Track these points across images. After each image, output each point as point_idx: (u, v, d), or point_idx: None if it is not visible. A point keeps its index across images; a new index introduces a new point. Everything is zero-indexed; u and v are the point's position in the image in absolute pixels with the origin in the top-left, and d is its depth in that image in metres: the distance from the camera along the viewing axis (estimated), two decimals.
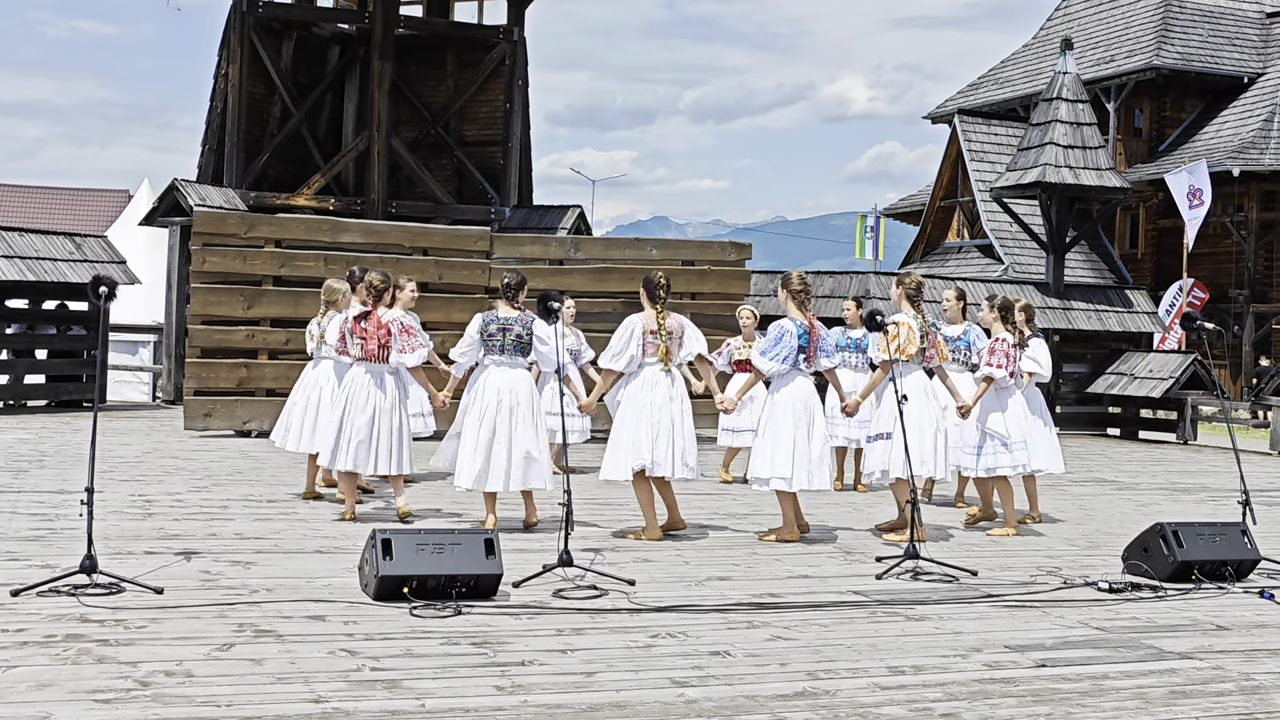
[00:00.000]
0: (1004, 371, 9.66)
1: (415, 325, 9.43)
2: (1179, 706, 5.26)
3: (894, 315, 9.32)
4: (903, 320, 9.27)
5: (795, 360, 8.86)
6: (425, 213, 23.63)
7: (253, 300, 15.31)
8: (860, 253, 42.46)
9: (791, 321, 8.93)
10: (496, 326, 8.95)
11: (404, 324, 9.29)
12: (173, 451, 13.38)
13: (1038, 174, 21.11)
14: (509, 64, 24.50)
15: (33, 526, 8.47)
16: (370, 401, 9.26)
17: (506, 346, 8.93)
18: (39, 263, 17.79)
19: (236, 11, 22.78)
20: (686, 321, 9.10)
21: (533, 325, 8.98)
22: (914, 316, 9.33)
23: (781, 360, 8.82)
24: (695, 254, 17.11)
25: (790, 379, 8.90)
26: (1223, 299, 31.89)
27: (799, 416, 8.82)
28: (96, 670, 5.16)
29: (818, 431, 8.88)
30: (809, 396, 8.90)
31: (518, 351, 8.95)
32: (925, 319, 9.36)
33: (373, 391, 9.28)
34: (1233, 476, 12.12)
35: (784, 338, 8.86)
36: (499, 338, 8.93)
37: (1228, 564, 7.99)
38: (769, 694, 5.22)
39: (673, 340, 8.91)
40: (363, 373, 9.32)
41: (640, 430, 8.69)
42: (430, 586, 6.60)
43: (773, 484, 8.84)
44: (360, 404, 9.26)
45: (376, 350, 9.26)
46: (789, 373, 8.89)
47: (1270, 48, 34.46)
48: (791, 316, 8.96)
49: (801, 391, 8.88)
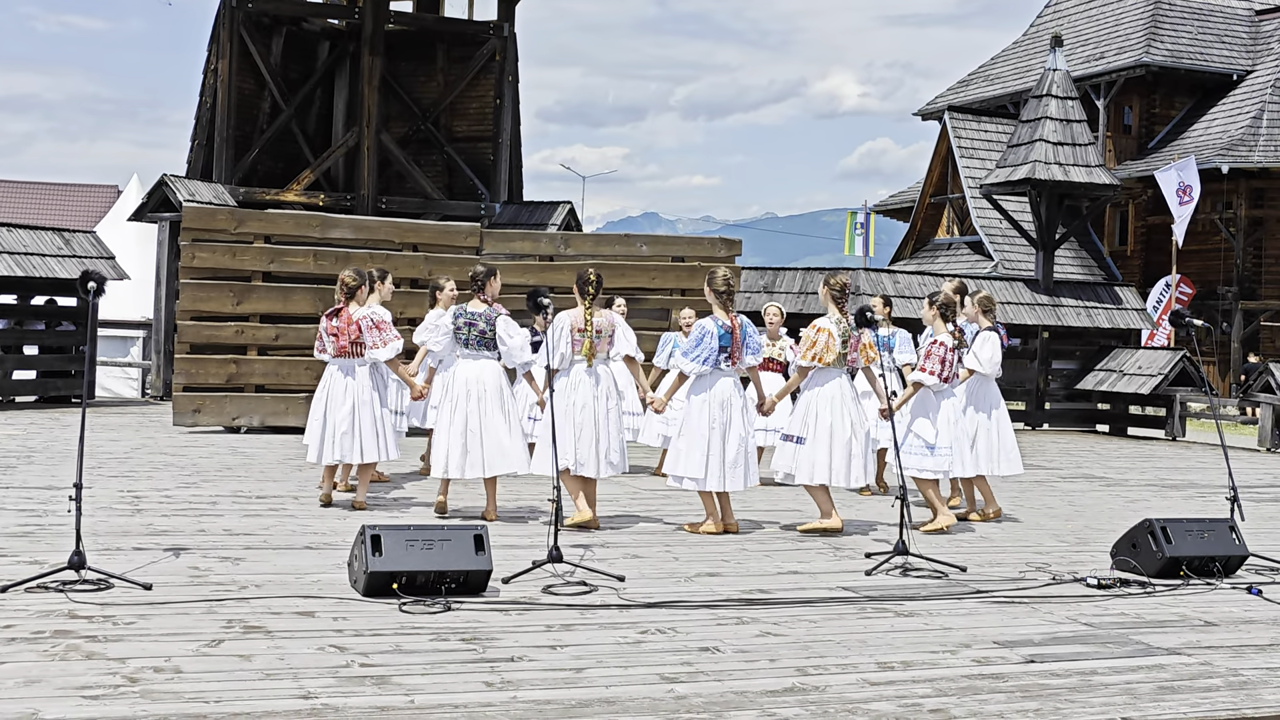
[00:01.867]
0: (935, 378, 9.39)
1: (386, 320, 9.57)
2: (1167, 702, 5.27)
3: (817, 319, 9.19)
4: (823, 325, 9.09)
5: (716, 360, 8.82)
6: (415, 208, 23.61)
7: (242, 296, 15.28)
8: (850, 249, 42.50)
9: (713, 321, 8.88)
10: (464, 321, 9.17)
11: (374, 319, 9.47)
12: (162, 447, 13.36)
13: (1027, 171, 21.14)
14: (499, 60, 24.47)
15: (21, 522, 8.45)
16: (349, 394, 9.52)
17: (471, 341, 9.14)
18: (27, 258, 17.74)
19: (226, 7, 22.71)
20: (618, 320, 9.11)
21: (497, 320, 9.11)
22: (836, 321, 9.13)
23: (702, 361, 8.79)
24: (685, 250, 17.11)
25: (711, 379, 8.87)
26: (1211, 296, 31.97)
27: (714, 417, 8.80)
28: (85, 666, 5.15)
29: (734, 432, 8.85)
30: (728, 397, 8.86)
31: (482, 346, 9.15)
32: (848, 322, 9.13)
33: (350, 384, 9.54)
34: (1221, 473, 12.16)
35: (705, 338, 8.82)
36: (465, 332, 9.15)
37: (1216, 560, 8.01)
38: (758, 690, 5.22)
39: (601, 339, 8.93)
40: (337, 369, 9.59)
41: (565, 430, 8.76)
42: (419, 582, 6.59)
43: (685, 484, 8.91)
44: (339, 398, 9.52)
45: (349, 346, 9.51)
46: (710, 373, 8.85)
47: (1259, 45, 34.54)
48: (715, 315, 8.94)
49: (720, 392, 8.85)
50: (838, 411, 9.06)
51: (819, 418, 9.05)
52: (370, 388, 9.59)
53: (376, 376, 9.69)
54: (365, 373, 9.59)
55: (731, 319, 8.93)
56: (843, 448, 9.03)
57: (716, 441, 8.80)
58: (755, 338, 9.06)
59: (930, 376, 9.40)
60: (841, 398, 9.10)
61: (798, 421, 9.14)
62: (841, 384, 9.14)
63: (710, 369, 8.84)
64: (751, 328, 9.07)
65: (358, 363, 9.58)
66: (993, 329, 10.10)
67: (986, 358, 9.98)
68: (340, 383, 9.55)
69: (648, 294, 16.38)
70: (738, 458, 8.87)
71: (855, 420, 9.12)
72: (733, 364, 8.90)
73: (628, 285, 16.08)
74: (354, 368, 9.58)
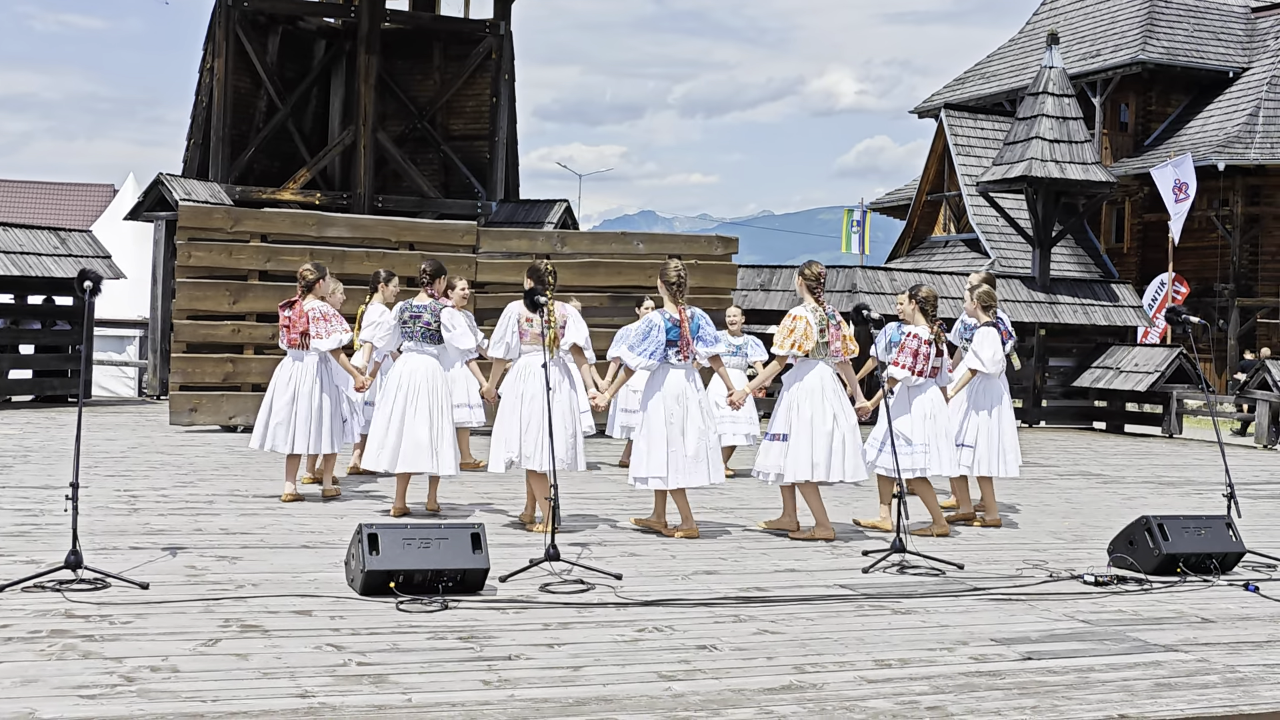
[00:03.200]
0: (907, 371, 9.14)
1: (332, 313, 9.82)
2: (1164, 699, 5.27)
3: (793, 308, 8.99)
4: (799, 314, 8.86)
5: (664, 354, 8.68)
6: (411, 207, 23.59)
7: (238, 295, 15.27)
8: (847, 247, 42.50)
9: (660, 314, 8.76)
10: (409, 314, 9.32)
11: (321, 312, 9.76)
12: (158, 446, 13.35)
13: (1024, 168, 21.15)
14: (495, 58, 24.46)
15: (17, 522, 8.44)
16: (291, 384, 9.81)
17: (416, 334, 9.28)
18: (23, 257, 17.73)
19: (222, 5, 22.70)
20: (572, 311, 8.99)
21: (441, 312, 9.27)
22: (813, 309, 8.88)
23: (649, 355, 8.64)
24: (682, 248, 17.09)
25: (662, 375, 8.73)
26: (1208, 293, 31.99)
27: (670, 412, 8.63)
28: (82, 666, 5.14)
29: (693, 426, 8.67)
30: (681, 390, 8.70)
31: (426, 339, 9.28)
32: (825, 311, 8.91)
33: (294, 375, 9.82)
34: (1217, 470, 12.17)
35: (651, 332, 8.66)
36: (410, 325, 9.30)
37: (1213, 557, 8.01)
38: (756, 687, 5.22)
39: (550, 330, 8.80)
40: (288, 359, 9.89)
41: (511, 421, 8.78)
42: (417, 581, 6.59)
43: (651, 484, 8.74)
44: (283, 387, 9.82)
45: (299, 338, 9.78)
46: (660, 368, 8.72)
47: (1255, 42, 34.56)
48: (664, 309, 8.82)
49: (673, 387, 8.70)
50: (818, 404, 8.80)
51: (799, 411, 8.81)
52: (314, 379, 9.81)
53: (324, 369, 9.90)
54: (311, 364, 9.83)
55: (680, 312, 8.76)
56: (824, 439, 8.74)
57: (676, 438, 8.62)
58: (709, 329, 8.86)
59: (903, 370, 9.15)
60: (822, 390, 8.83)
61: (780, 418, 8.90)
62: (821, 374, 8.85)
63: (658, 363, 8.69)
64: (705, 320, 8.87)
65: (305, 354, 9.83)
66: (992, 324, 9.76)
67: (988, 356, 9.64)
68: (286, 372, 9.85)
69: (645, 291, 16.35)
70: (699, 452, 8.67)
71: (839, 411, 8.84)
72: (683, 358, 8.73)
73: (624, 283, 16.09)
74: (302, 358, 9.85)
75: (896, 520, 8.03)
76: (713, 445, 8.84)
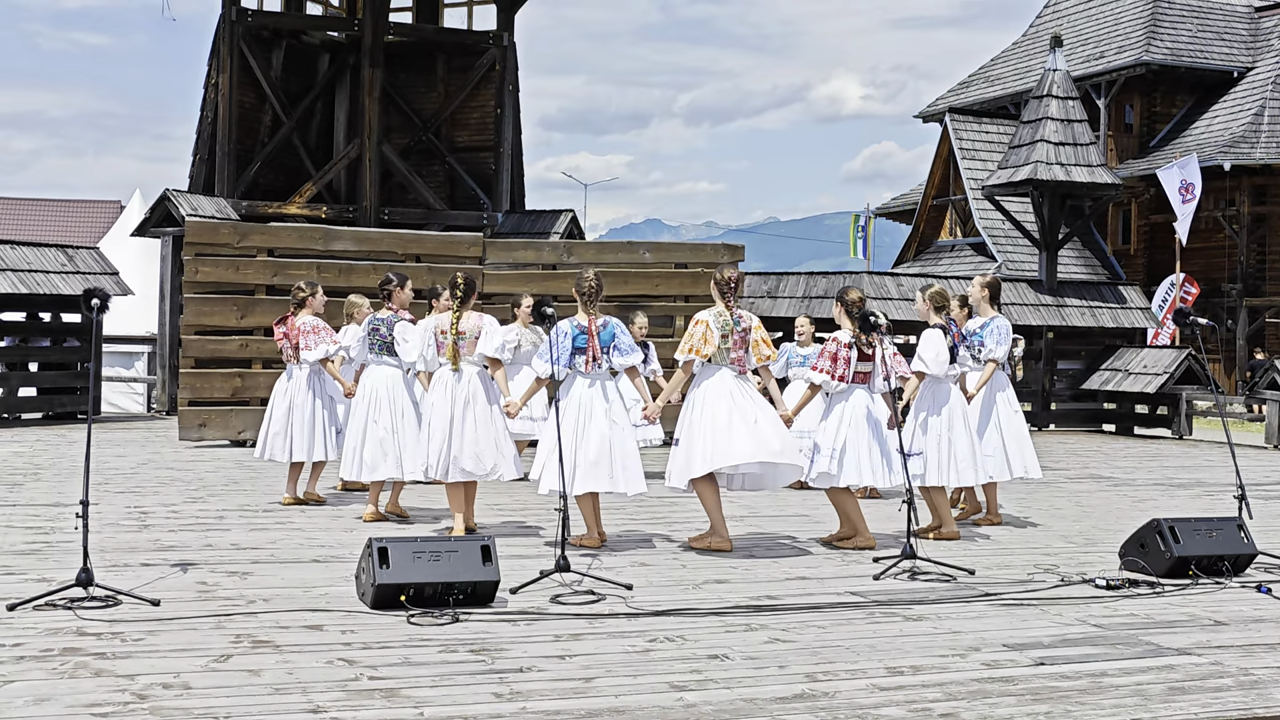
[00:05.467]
0: (824, 375, 8.74)
1: (322, 326, 10.38)
2: (1178, 703, 5.25)
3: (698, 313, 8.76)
4: (701, 318, 8.65)
5: (569, 361, 8.62)
6: (418, 219, 23.62)
7: (246, 310, 15.29)
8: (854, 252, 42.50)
9: (569, 322, 8.73)
10: (370, 328, 9.92)
11: (310, 325, 10.32)
12: (168, 462, 13.36)
13: (1029, 171, 21.14)
14: (499, 69, 24.50)
15: (28, 540, 8.45)
16: (287, 395, 10.40)
17: (376, 347, 9.88)
18: (31, 275, 17.77)
19: (226, 21, 22.76)
20: (487, 322, 8.94)
21: (395, 325, 9.74)
22: (717, 314, 8.62)
23: (556, 363, 8.60)
24: (688, 256, 17.09)
25: (569, 383, 8.67)
26: (1216, 293, 31.94)
27: (570, 419, 8.54)
28: (94, 684, 5.15)
29: (595, 432, 8.52)
30: (585, 398, 8.59)
31: (383, 351, 9.84)
32: (730, 315, 8.63)
33: (289, 387, 10.41)
34: (1228, 471, 12.14)
35: (559, 340, 8.63)
36: (372, 338, 9.90)
37: (1224, 559, 7.99)
38: (768, 696, 5.22)
39: (465, 341, 8.85)
40: (285, 372, 10.51)
41: (421, 431, 9.08)
42: (427, 594, 6.59)
43: (541, 489, 8.60)
44: (280, 399, 10.44)
45: (293, 352, 10.38)
46: (569, 376, 8.67)
47: (1259, 41, 34.52)
48: (574, 317, 8.78)
49: (576, 394, 8.62)
50: (713, 404, 8.48)
51: (696, 414, 8.53)
52: (307, 390, 10.38)
53: (316, 380, 10.44)
54: (303, 376, 10.39)
55: (591, 321, 8.69)
56: (723, 435, 8.40)
57: (575, 444, 8.50)
58: (625, 339, 8.72)
59: (820, 375, 8.76)
60: (720, 392, 8.52)
61: (679, 423, 8.67)
62: (723, 378, 8.56)
63: (565, 370, 8.64)
64: (620, 329, 8.73)
65: (297, 367, 10.41)
66: (941, 326, 9.38)
67: (930, 356, 9.24)
68: (283, 385, 10.47)
69: (651, 301, 16.37)
70: (599, 457, 8.51)
71: (744, 410, 8.48)
72: (586, 367, 8.62)
73: (631, 293, 16.08)
74: (295, 371, 10.43)
75: (908, 526, 8.03)
76: (621, 451, 8.58)
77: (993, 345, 10.07)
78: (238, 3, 22.90)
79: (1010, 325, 10.33)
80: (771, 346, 8.85)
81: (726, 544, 8.64)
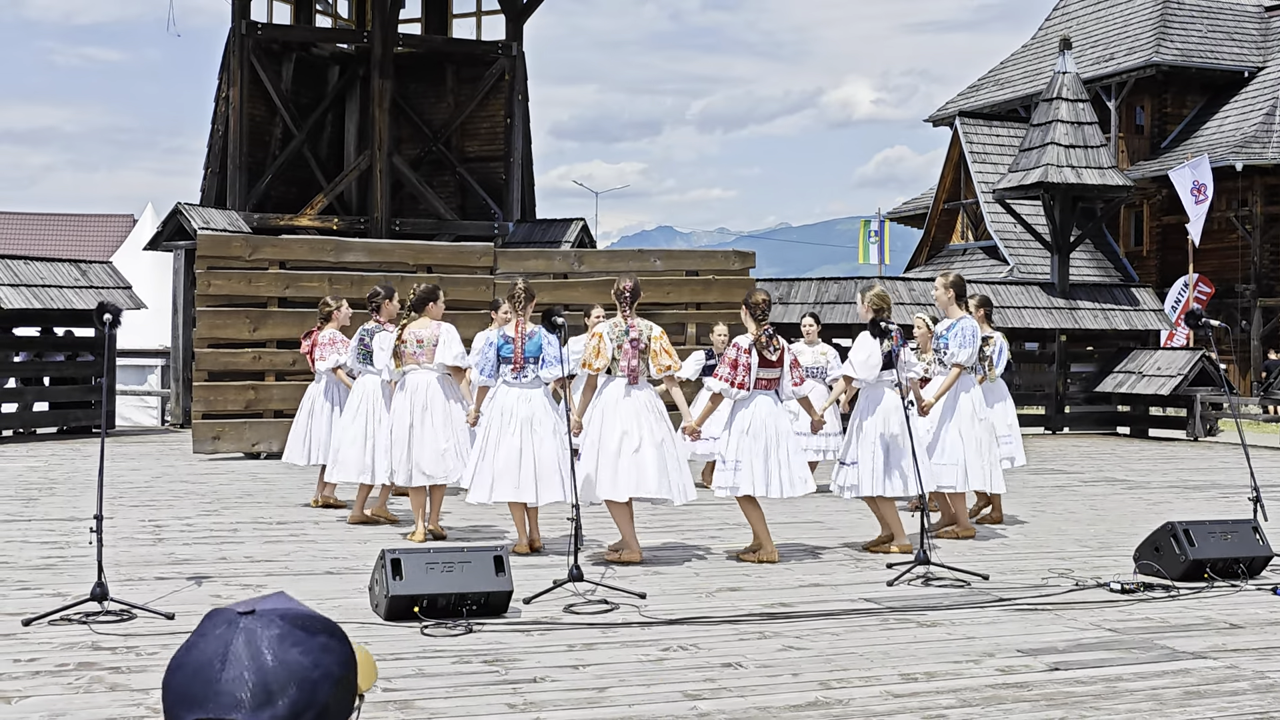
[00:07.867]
0: (724, 383, 8.46)
1: (339, 338, 10.93)
2: (1194, 707, 5.23)
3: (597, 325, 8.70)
4: (598, 330, 8.56)
5: (493, 370, 8.65)
6: (429, 230, 23.66)
7: (258, 322, 15.33)
8: (865, 257, 42.45)
9: (495, 331, 8.95)
10: (357, 339, 10.32)
11: (328, 338, 10.93)
12: (182, 475, 13.40)
13: (1040, 174, 21.10)
14: (508, 79, 24.53)
15: (43, 555, 8.48)
16: (309, 404, 11.11)
17: (361, 356, 10.28)
18: (45, 290, 17.84)
19: (236, 34, 22.84)
20: (444, 331, 9.12)
21: (374, 336, 10.09)
22: (613, 325, 8.52)
23: (479, 370, 8.69)
24: (699, 264, 17.10)
25: (497, 391, 8.69)
26: (1229, 294, 31.84)
27: (504, 427, 8.53)
28: (109, 699, 5.16)
29: (509, 442, 8.48)
30: (509, 406, 8.57)
31: (365, 360, 10.24)
32: (626, 326, 8.49)
33: (312, 395, 11.13)
34: (1243, 473, 12.09)
35: (484, 349, 8.71)
36: (358, 349, 10.31)
37: (1240, 561, 7.96)
38: (782, 704, 5.21)
39: (423, 349, 9.16)
40: (312, 383, 11.21)
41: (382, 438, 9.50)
42: (441, 605, 6.60)
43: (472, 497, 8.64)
44: (305, 408, 11.13)
45: (315, 364, 11.05)
46: (495, 383, 8.69)
47: (1270, 41, 34.44)
48: (499, 326, 8.98)
49: (500, 402, 8.63)
50: (608, 422, 8.36)
51: (591, 430, 8.44)
52: (324, 399, 11.01)
53: (334, 390, 11.00)
54: (322, 386, 11.06)
55: (518, 330, 8.70)
56: (609, 458, 8.27)
57: (491, 452, 8.54)
58: (551, 349, 8.62)
59: (720, 383, 8.50)
60: (614, 412, 8.38)
61: (582, 437, 8.51)
62: (614, 392, 8.43)
63: (489, 379, 8.69)
64: (547, 340, 8.61)
65: (317, 377, 11.10)
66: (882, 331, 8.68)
67: (859, 360, 8.91)
68: (309, 396, 11.18)
69: (662, 309, 16.37)
70: (507, 467, 8.48)
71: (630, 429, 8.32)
72: (515, 374, 8.61)
73: (642, 300, 16.03)
74: (319, 380, 11.09)
75: (922, 531, 8.01)
76: (538, 460, 8.50)
77: (955, 349, 9.56)
78: (248, 16, 22.98)
79: (977, 326, 9.80)
80: (673, 356, 8.63)
81: (636, 555, 8.44)
